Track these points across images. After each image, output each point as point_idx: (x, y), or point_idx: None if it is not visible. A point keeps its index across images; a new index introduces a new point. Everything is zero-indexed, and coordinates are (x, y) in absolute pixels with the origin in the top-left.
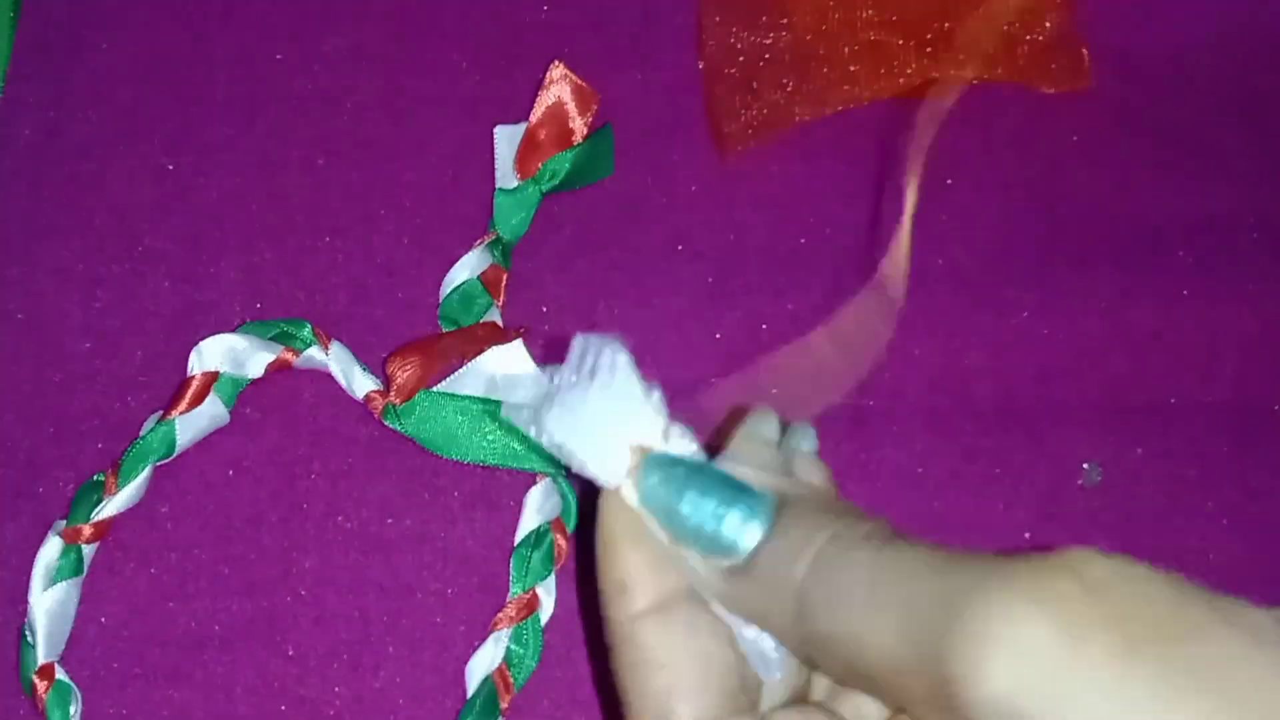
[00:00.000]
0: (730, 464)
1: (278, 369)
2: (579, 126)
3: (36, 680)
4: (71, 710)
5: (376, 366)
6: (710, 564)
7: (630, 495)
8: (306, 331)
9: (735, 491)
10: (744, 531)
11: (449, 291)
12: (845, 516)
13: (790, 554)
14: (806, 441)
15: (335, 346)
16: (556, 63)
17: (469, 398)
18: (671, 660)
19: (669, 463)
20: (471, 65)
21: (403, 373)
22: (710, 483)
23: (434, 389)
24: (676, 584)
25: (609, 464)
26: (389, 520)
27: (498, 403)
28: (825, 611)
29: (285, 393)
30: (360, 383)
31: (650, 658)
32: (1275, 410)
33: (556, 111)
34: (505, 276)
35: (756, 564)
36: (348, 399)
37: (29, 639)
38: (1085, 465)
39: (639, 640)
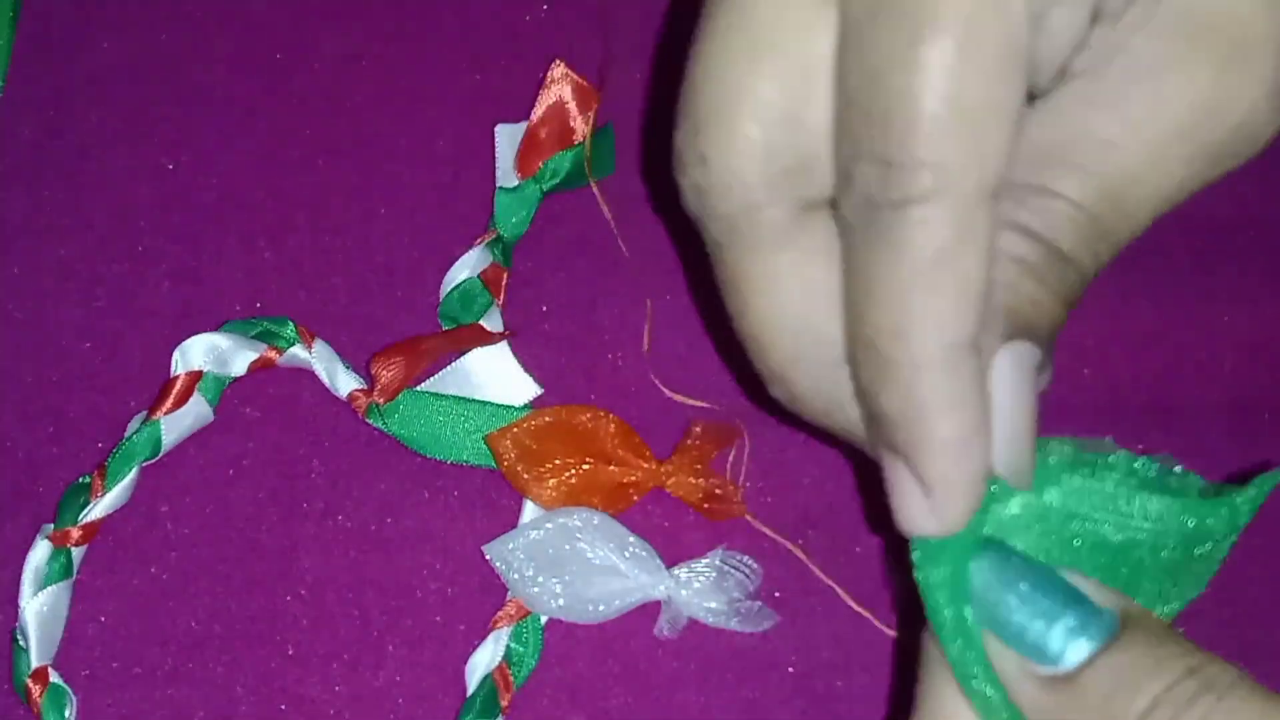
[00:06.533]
0: (1071, 572)
1: (261, 367)
2: (580, 126)
3: (30, 684)
4: (67, 714)
5: None
6: (1025, 668)
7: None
8: (290, 330)
9: (1073, 597)
10: (1074, 641)
11: (449, 290)
12: (1203, 653)
13: (1130, 682)
14: None
15: (319, 345)
16: (557, 62)
17: (453, 398)
18: None
19: (1005, 549)
20: (471, 65)
21: (386, 372)
22: (1047, 581)
23: (418, 389)
24: None
25: None
26: (389, 520)
27: (481, 403)
28: None
29: (285, 392)
30: (344, 381)
31: None
32: (1275, 409)
33: (557, 111)
34: (506, 275)
35: (1081, 682)
36: None
37: (20, 643)
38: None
39: None
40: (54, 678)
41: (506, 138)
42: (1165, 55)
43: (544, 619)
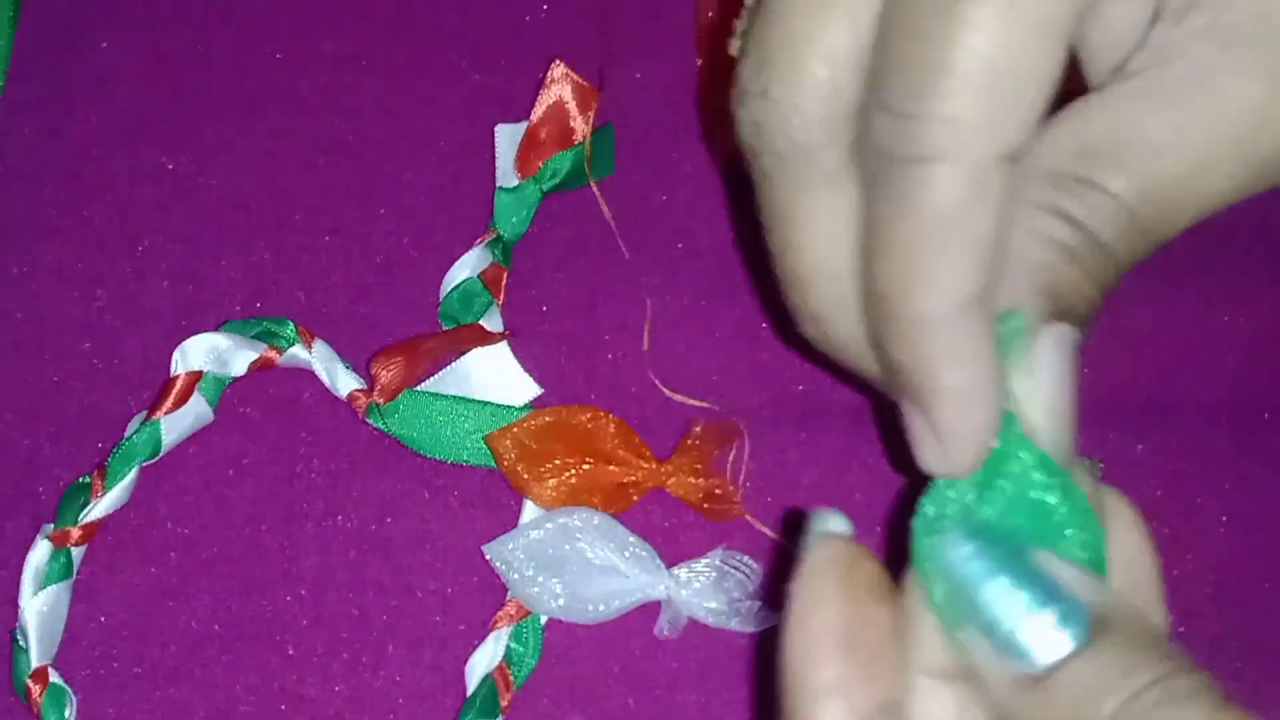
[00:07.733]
0: (1051, 560)
1: (261, 367)
2: (580, 125)
3: (30, 684)
4: (67, 714)
5: None
6: (1001, 665)
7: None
8: (290, 329)
9: (1050, 593)
10: (1047, 641)
11: (449, 290)
12: (1171, 660)
13: (1098, 687)
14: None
15: (319, 345)
16: (557, 61)
17: (453, 398)
18: None
19: (987, 537)
20: (471, 65)
21: (386, 373)
22: (1024, 575)
23: (418, 389)
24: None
25: None
26: (389, 520)
27: (481, 403)
28: None
29: (285, 391)
30: (344, 381)
31: None
32: (1275, 409)
33: (557, 110)
34: (506, 275)
35: (1053, 684)
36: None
37: (20, 643)
38: (1085, 463)
39: None
40: (54, 678)
41: (506, 138)
42: (1224, 62)
43: (544, 619)
